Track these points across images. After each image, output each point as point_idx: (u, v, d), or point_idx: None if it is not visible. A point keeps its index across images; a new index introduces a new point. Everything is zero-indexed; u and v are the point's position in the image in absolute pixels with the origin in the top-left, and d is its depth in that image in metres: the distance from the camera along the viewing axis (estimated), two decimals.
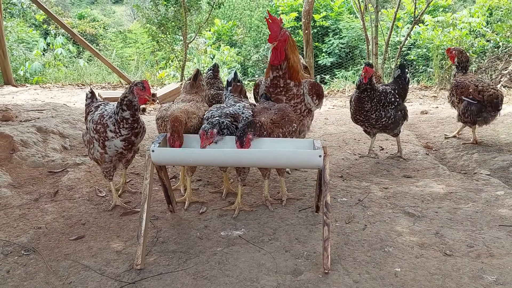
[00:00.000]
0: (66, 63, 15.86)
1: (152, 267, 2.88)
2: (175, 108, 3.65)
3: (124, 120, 3.40)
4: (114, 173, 3.85)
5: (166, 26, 12.49)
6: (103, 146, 3.53)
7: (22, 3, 18.09)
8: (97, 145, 3.56)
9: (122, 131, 3.43)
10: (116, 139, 3.47)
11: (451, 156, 5.38)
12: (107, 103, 3.80)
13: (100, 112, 3.61)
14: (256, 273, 2.81)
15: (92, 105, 3.84)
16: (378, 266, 2.88)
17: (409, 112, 5.19)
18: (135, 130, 3.51)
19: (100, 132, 3.49)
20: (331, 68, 16.15)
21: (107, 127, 3.45)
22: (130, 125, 3.43)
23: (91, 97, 3.94)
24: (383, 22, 15.36)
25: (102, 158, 3.63)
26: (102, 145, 3.53)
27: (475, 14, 13.79)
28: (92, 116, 3.66)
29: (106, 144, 3.51)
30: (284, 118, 3.50)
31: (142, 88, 3.34)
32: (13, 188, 4.21)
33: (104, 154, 3.58)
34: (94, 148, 3.61)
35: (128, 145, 3.52)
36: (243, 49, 18.87)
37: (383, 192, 4.16)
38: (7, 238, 3.26)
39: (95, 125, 3.53)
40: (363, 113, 4.84)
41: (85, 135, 3.80)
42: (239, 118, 3.52)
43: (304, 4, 10.90)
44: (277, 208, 3.79)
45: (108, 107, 3.69)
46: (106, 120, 3.47)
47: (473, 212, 3.67)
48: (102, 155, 3.59)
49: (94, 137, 3.56)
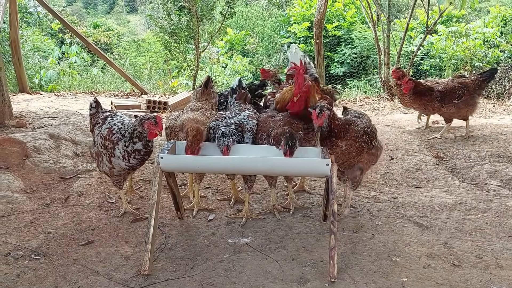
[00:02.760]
0: (80, 72, 16.11)
1: (160, 273, 2.90)
2: (186, 118, 3.65)
3: (136, 151, 3.32)
4: (124, 182, 3.89)
5: (179, 35, 12.64)
6: (110, 161, 3.50)
7: (38, 12, 18.45)
8: (105, 159, 3.53)
9: (132, 160, 3.37)
10: (122, 162, 3.42)
11: (461, 166, 5.34)
12: (114, 114, 3.72)
13: (108, 126, 3.54)
14: (262, 280, 2.81)
15: (99, 116, 3.74)
16: (385, 275, 2.87)
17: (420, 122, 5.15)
18: (145, 160, 3.46)
19: (108, 148, 3.44)
20: (343, 78, 16.16)
21: (115, 144, 3.40)
22: (142, 157, 3.34)
23: (96, 107, 3.83)
24: (396, 32, 15.36)
25: (111, 172, 3.62)
26: (109, 161, 3.50)
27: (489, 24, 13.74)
28: (100, 130, 3.59)
29: (112, 161, 3.48)
30: (292, 124, 3.51)
31: (154, 123, 3.23)
32: (25, 193, 4.27)
33: (112, 169, 3.57)
34: (103, 162, 3.57)
35: (132, 169, 3.50)
36: (255, 59, 18.98)
37: (392, 201, 4.14)
38: (18, 243, 3.31)
39: (103, 141, 3.48)
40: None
41: (93, 147, 3.74)
42: (244, 128, 3.53)
43: (316, 14, 10.96)
44: (284, 216, 3.79)
45: (116, 119, 3.61)
46: (115, 138, 3.41)
47: (483, 223, 3.64)
48: (111, 169, 3.57)
49: (102, 151, 3.52)
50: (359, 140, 3.40)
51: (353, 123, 3.48)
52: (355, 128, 3.42)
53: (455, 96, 6.14)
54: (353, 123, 3.47)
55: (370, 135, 3.51)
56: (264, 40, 20.01)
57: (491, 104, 10.14)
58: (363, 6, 13.56)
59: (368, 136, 3.48)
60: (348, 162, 3.49)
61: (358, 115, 3.77)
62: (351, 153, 3.40)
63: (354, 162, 3.54)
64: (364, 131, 3.45)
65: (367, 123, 3.61)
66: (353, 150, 3.39)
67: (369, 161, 3.64)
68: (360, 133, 3.41)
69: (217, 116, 3.68)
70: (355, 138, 3.38)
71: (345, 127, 3.37)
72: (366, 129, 3.49)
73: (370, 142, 3.51)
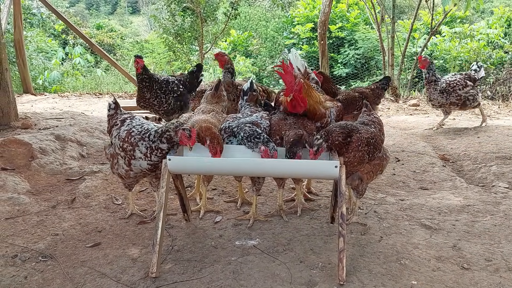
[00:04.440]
0: (84, 73, 16.14)
1: (167, 275, 2.89)
2: (197, 119, 3.65)
3: (159, 149, 3.27)
4: (135, 185, 3.86)
5: (182, 36, 12.65)
6: (129, 164, 3.40)
7: (41, 13, 18.49)
8: (122, 162, 3.44)
9: (153, 157, 3.30)
10: (143, 161, 3.34)
11: (468, 168, 5.32)
12: (133, 117, 3.64)
13: (127, 128, 3.46)
14: (270, 283, 2.80)
15: (117, 118, 3.66)
16: (394, 278, 2.85)
17: (425, 123, 5.15)
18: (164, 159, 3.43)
19: (127, 150, 3.37)
20: (346, 79, 16.14)
21: (136, 146, 3.33)
22: (163, 155, 3.27)
23: (114, 108, 3.73)
24: (400, 33, 15.32)
25: (127, 175, 3.52)
26: (127, 163, 3.41)
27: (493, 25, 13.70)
28: (118, 132, 3.51)
29: (132, 163, 3.39)
30: (305, 127, 3.50)
31: (188, 136, 3.16)
32: (32, 195, 4.27)
33: (129, 171, 3.47)
34: (119, 164, 3.49)
35: (153, 168, 3.41)
36: (258, 59, 18.98)
37: (399, 204, 4.12)
38: (25, 244, 3.31)
39: (121, 143, 3.40)
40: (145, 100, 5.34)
41: (108, 148, 3.65)
42: (260, 126, 3.50)
43: (320, 15, 10.96)
44: (291, 218, 3.78)
45: (135, 122, 3.54)
46: (135, 140, 3.35)
47: (492, 225, 3.62)
48: (128, 172, 3.48)
49: (119, 154, 3.44)
50: (362, 149, 3.24)
51: (357, 131, 3.28)
52: (358, 136, 3.25)
53: (354, 107, 5.55)
54: (357, 132, 3.27)
55: (372, 146, 3.33)
56: (267, 41, 20.01)
57: (496, 105, 10.11)
58: (367, 7, 13.55)
59: (371, 148, 3.31)
60: (347, 169, 3.35)
61: (368, 121, 3.58)
62: (352, 162, 3.27)
63: (353, 170, 3.44)
64: (367, 142, 3.28)
65: (373, 132, 3.40)
66: (355, 160, 3.26)
67: (371, 171, 3.50)
68: (362, 144, 3.24)
69: (229, 118, 3.68)
70: (357, 148, 3.22)
71: (346, 140, 3.19)
72: (370, 140, 3.30)
73: (373, 153, 3.35)
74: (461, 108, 7.14)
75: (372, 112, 3.80)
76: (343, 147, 3.18)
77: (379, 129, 3.56)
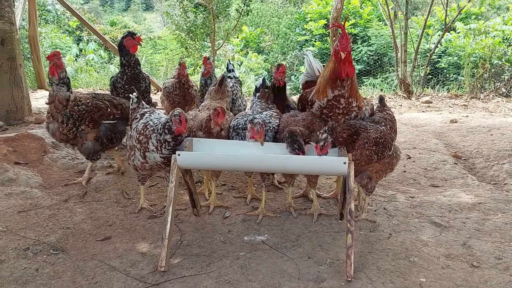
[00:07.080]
0: (98, 69, 16.22)
1: (176, 270, 2.92)
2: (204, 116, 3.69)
3: (166, 142, 3.33)
4: (148, 179, 3.90)
5: (194, 32, 12.67)
6: (144, 156, 3.48)
7: (56, 10, 18.65)
8: (138, 154, 3.52)
9: (163, 150, 3.37)
10: (156, 154, 3.41)
11: (480, 166, 5.26)
12: (153, 111, 3.73)
13: (145, 121, 3.55)
14: (278, 279, 2.80)
15: (138, 112, 3.76)
16: (402, 275, 2.84)
17: (438, 121, 5.10)
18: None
19: (142, 142, 3.45)
20: (359, 76, 16.01)
21: (149, 138, 3.41)
22: (172, 147, 3.34)
23: (137, 102, 3.85)
24: (413, 29, 15.15)
25: (142, 166, 3.58)
26: (143, 155, 3.48)
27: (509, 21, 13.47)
28: (136, 125, 3.61)
29: (146, 155, 3.46)
30: (314, 124, 3.47)
31: (178, 122, 3.24)
32: (44, 189, 4.33)
33: (145, 164, 3.54)
34: (135, 156, 3.56)
35: (167, 162, 3.43)
36: (270, 56, 18.93)
37: (409, 201, 4.10)
38: (37, 237, 3.35)
39: (138, 135, 3.49)
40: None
41: (128, 140, 3.76)
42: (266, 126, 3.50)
43: (333, 11, 10.89)
44: (300, 214, 3.78)
45: (154, 115, 3.63)
46: (149, 132, 3.42)
47: (503, 224, 3.58)
48: (143, 164, 3.54)
49: (136, 146, 3.52)
50: (369, 148, 3.23)
51: (365, 130, 3.26)
52: (365, 135, 3.23)
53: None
54: (364, 130, 3.25)
55: (381, 146, 3.30)
56: (280, 37, 19.95)
57: (510, 102, 9.97)
58: (380, 3, 13.44)
59: (379, 147, 3.29)
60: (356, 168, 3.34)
61: (380, 119, 3.56)
62: (360, 161, 3.26)
63: (362, 170, 3.42)
64: (375, 142, 3.25)
65: (383, 131, 3.37)
66: (363, 159, 3.25)
67: (380, 170, 3.48)
68: (369, 143, 3.23)
69: (239, 115, 3.71)
70: (363, 146, 3.21)
71: (353, 138, 3.18)
72: (378, 139, 3.28)
73: (382, 152, 3.33)
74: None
75: (385, 107, 3.79)
76: (349, 145, 3.17)
77: (390, 126, 3.53)
